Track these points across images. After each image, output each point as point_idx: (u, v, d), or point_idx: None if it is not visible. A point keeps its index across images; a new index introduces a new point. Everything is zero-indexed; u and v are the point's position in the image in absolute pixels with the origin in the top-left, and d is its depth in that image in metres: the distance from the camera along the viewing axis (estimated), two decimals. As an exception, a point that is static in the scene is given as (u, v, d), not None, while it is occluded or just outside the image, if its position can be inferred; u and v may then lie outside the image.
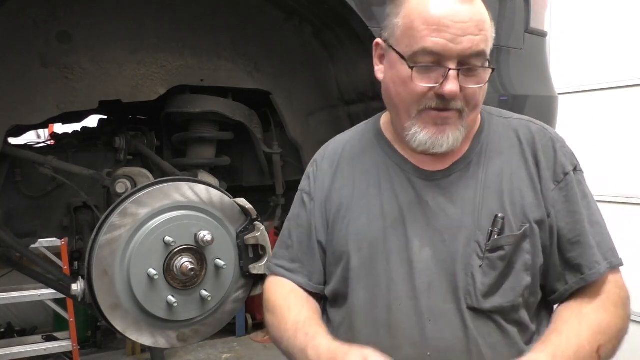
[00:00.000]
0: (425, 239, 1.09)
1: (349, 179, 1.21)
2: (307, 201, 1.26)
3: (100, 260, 1.50)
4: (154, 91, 1.78)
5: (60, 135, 2.18)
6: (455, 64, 1.01)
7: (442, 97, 1.03)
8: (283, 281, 1.25)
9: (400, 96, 1.08)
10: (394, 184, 1.15)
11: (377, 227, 1.13)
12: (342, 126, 2.07)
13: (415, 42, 1.02)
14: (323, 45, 1.96)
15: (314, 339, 1.06)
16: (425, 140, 1.06)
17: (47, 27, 1.62)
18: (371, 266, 1.12)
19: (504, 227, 1.06)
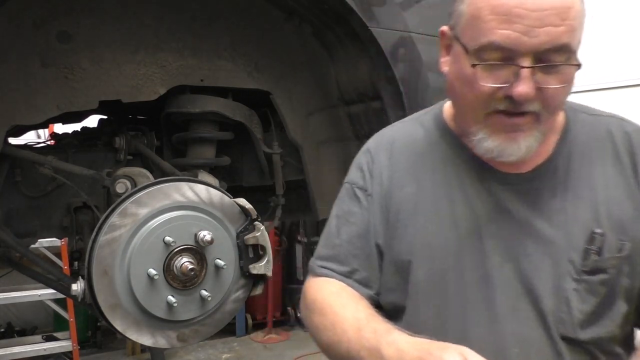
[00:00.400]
0: (506, 254, 0.94)
1: (411, 176, 1.05)
2: (362, 197, 1.09)
3: (100, 260, 1.50)
4: (154, 91, 1.78)
5: (60, 135, 2.18)
6: (530, 61, 0.84)
7: (513, 99, 0.87)
8: (328, 280, 1.09)
9: (465, 97, 0.94)
10: (465, 187, 1.00)
11: (448, 237, 0.98)
12: (342, 126, 2.08)
13: (481, 34, 0.86)
14: (323, 45, 1.96)
15: (387, 334, 0.89)
16: (492, 149, 0.92)
17: (47, 27, 1.62)
18: (441, 283, 0.97)
19: (603, 246, 0.91)
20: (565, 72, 0.87)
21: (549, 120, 0.92)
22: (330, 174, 2.10)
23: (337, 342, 0.96)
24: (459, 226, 0.98)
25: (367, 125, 1.99)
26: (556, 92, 0.88)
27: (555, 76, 0.86)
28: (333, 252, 1.10)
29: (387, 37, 1.72)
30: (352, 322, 0.95)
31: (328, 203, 2.10)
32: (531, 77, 0.85)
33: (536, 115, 0.89)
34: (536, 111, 0.88)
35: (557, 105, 0.91)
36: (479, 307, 0.94)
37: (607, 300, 0.92)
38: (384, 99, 1.83)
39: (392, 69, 1.74)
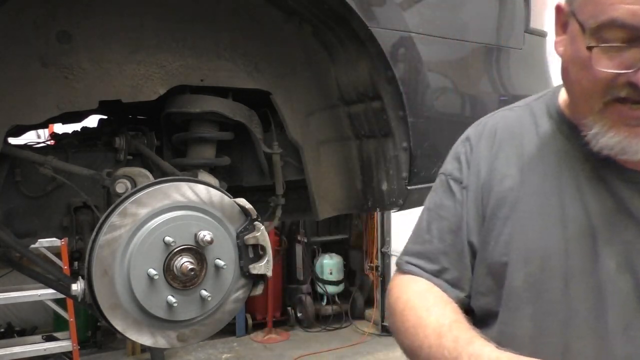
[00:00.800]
0: (624, 263, 0.81)
1: (515, 166, 0.93)
2: (457, 189, 0.99)
3: (100, 260, 1.50)
4: (154, 91, 1.78)
5: (60, 135, 2.17)
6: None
7: (637, 87, 0.74)
8: (415, 279, 1.01)
9: (580, 83, 0.81)
10: (580, 182, 0.87)
11: (554, 237, 0.86)
12: (342, 126, 2.08)
13: (601, 10, 0.73)
14: (323, 45, 1.96)
15: (469, 344, 0.81)
16: (612, 145, 0.79)
17: (47, 27, 1.62)
18: (542, 288, 0.86)
19: None
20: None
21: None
22: (330, 174, 2.10)
23: (418, 347, 0.89)
24: (567, 226, 0.85)
25: (367, 125, 1.99)
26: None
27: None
28: (422, 248, 1.02)
29: (387, 37, 1.72)
30: (435, 327, 0.87)
31: (328, 203, 2.12)
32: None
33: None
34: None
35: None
36: (585, 321, 0.82)
37: None
38: (384, 99, 1.83)
39: (392, 69, 1.74)
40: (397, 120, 1.84)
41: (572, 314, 0.83)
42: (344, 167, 2.12)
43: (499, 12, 1.99)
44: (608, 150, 0.80)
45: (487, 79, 2.05)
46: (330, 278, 5.77)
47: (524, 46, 2.01)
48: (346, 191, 2.13)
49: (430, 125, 1.85)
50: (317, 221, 5.82)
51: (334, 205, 2.13)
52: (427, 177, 1.87)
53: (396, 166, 1.90)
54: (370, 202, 2.09)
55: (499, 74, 2.05)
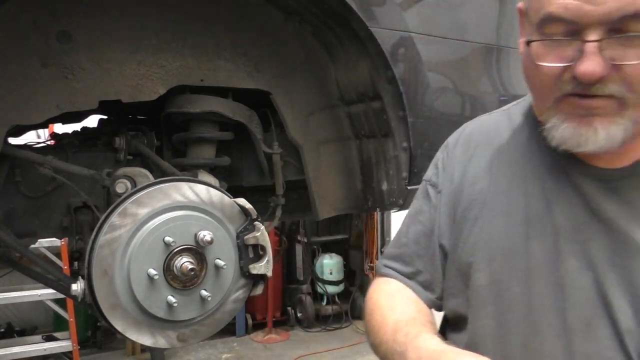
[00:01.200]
0: (585, 260, 0.80)
1: (487, 170, 0.94)
2: (433, 194, 1.01)
3: (100, 260, 1.50)
4: (154, 91, 1.78)
5: (60, 135, 2.17)
6: (599, 33, 0.70)
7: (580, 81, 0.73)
8: (389, 280, 1.04)
9: (532, 80, 0.82)
10: (544, 180, 0.87)
11: (517, 235, 0.86)
12: (342, 126, 2.08)
13: (541, 6, 0.75)
14: (323, 45, 1.96)
15: (415, 338, 0.83)
16: (566, 137, 0.78)
17: (47, 27, 1.62)
18: (504, 287, 0.86)
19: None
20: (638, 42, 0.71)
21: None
22: (331, 174, 2.10)
23: (379, 344, 0.92)
24: (531, 225, 0.85)
25: (367, 125, 1.99)
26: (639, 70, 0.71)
27: (636, 50, 0.70)
28: (399, 252, 1.05)
29: (387, 37, 1.72)
30: (394, 324, 0.90)
31: (328, 203, 2.12)
32: (598, 53, 0.71)
33: (619, 100, 0.73)
34: (615, 94, 0.73)
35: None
36: (545, 318, 0.82)
37: None
38: (384, 99, 1.83)
39: (392, 69, 1.74)
40: (397, 120, 1.84)
41: (533, 311, 0.83)
42: (344, 167, 2.12)
43: (499, 12, 2.00)
44: (563, 144, 0.79)
45: (487, 79, 2.05)
46: (330, 278, 5.77)
47: (524, 46, 2.01)
48: (346, 191, 2.13)
49: (430, 125, 1.86)
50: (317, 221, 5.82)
51: (334, 205, 2.13)
52: (427, 177, 1.87)
53: (396, 166, 1.90)
54: (370, 202, 2.09)
55: (499, 74, 2.06)
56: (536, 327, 0.82)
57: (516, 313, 0.84)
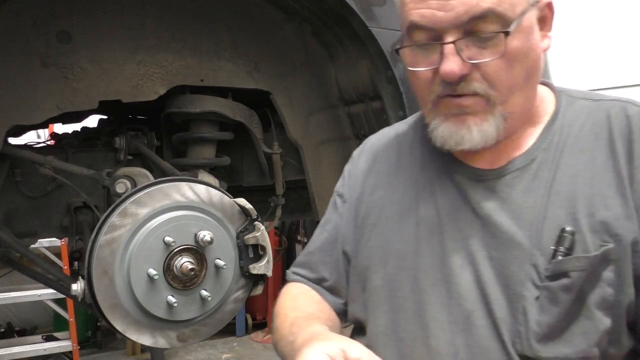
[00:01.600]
0: (467, 256, 0.85)
1: (386, 179, 1.00)
2: (339, 203, 1.06)
3: (100, 260, 1.50)
4: (154, 91, 1.78)
5: (60, 135, 2.18)
6: (455, 36, 0.78)
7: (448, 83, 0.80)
8: (297, 284, 1.09)
9: (412, 85, 0.90)
10: (433, 184, 0.92)
11: (409, 237, 0.91)
12: (342, 126, 2.08)
13: (406, 16, 0.83)
14: (323, 45, 1.96)
15: (307, 327, 0.88)
16: (445, 136, 0.84)
17: (47, 27, 1.62)
18: (395, 286, 0.90)
19: (574, 246, 0.78)
20: (500, 42, 0.77)
21: (509, 103, 0.82)
22: (331, 174, 2.10)
23: (278, 340, 0.97)
24: (420, 226, 0.90)
25: (367, 125, 1.99)
26: (497, 67, 0.78)
27: (492, 50, 0.78)
28: (306, 259, 1.10)
29: (387, 37, 1.72)
30: (292, 320, 0.94)
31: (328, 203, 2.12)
32: (456, 53, 0.78)
33: (485, 98, 0.80)
34: (480, 92, 0.80)
35: (506, 84, 0.80)
36: (432, 313, 0.85)
37: (573, 311, 0.78)
38: (384, 99, 1.83)
39: (392, 69, 1.74)
40: (397, 120, 1.83)
41: (421, 308, 0.87)
42: (343, 167, 2.12)
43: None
44: (445, 143, 0.85)
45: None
46: (330, 278, 5.76)
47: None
48: (346, 191, 2.13)
49: (430, 125, 1.85)
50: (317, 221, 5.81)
51: (334, 205, 2.13)
52: (427, 177, 1.87)
53: (396, 166, 1.90)
54: (370, 202, 2.09)
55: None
56: (423, 322, 0.86)
57: (407, 311, 0.88)
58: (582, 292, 0.78)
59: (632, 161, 0.81)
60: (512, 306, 0.80)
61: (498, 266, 0.82)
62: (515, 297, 0.80)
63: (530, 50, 0.81)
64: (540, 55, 0.86)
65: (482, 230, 0.85)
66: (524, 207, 0.83)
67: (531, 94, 0.87)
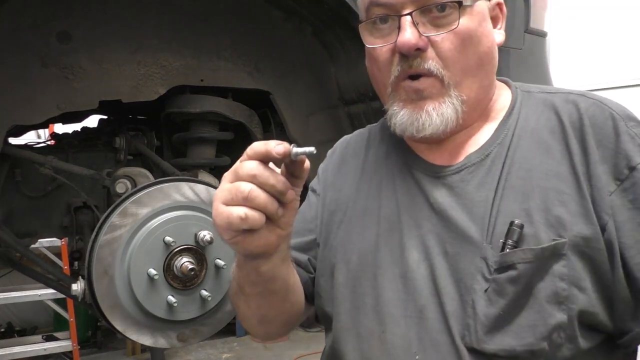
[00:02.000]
0: (423, 251, 0.85)
1: (354, 177, 1.01)
2: (312, 198, 1.08)
3: (100, 260, 1.50)
4: (154, 91, 1.78)
5: (60, 135, 2.18)
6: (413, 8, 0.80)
7: (404, 57, 0.82)
8: None
9: (371, 71, 0.91)
10: (395, 181, 0.93)
11: (370, 235, 0.91)
12: (342, 126, 2.08)
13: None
14: (323, 45, 1.96)
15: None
16: (404, 124, 0.85)
17: (47, 27, 1.62)
18: (356, 283, 0.91)
19: (524, 239, 0.78)
20: (453, 19, 0.80)
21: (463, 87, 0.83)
22: (330, 174, 2.10)
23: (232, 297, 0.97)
24: (381, 224, 0.91)
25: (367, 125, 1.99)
26: (451, 45, 0.81)
27: (447, 28, 0.80)
28: None
29: (387, 37, 1.72)
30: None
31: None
32: (413, 26, 0.80)
33: (439, 79, 0.82)
34: (434, 71, 0.81)
35: (459, 65, 0.82)
36: (389, 308, 0.86)
37: (521, 304, 0.77)
38: (384, 99, 1.83)
39: (392, 69, 1.74)
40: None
41: (379, 303, 0.87)
42: None
43: (499, 12, 2.00)
44: (404, 130, 0.86)
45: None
46: (330, 278, 5.76)
47: (523, 46, 2.01)
48: (346, 191, 2.14)
49: (430, 125, 1.85)
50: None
51: (334, 205, 2.13)
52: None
53: (396, 166, 1.90)
54: (370, 202, 2.09)
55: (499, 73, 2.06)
56: (380, 318, 0.86)
57: (366, 307, 0.89)
58: (530, 284, 0.77)
59: (587, 156, 0.79)
60: (462, 299, 0.80)
61: (452, 260, 0.82)
62: (466, 291, 0.80)
63: (483, 36, 0.84)
64: (494, 47, 0.89)
65: (438, 225, 0.85)
66: (476, 201, 0.83)
67: (486, 84, 0.88)
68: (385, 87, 0.88)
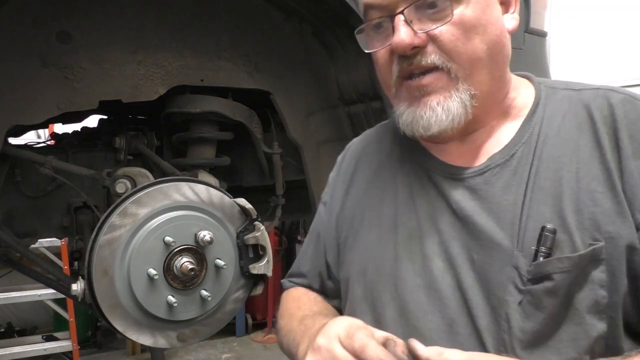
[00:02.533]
0: (447, 260, 0.80)
1: (366, 184, 0.97)
2: (322, 212, 1.05)
3: (100, 260, 1.50)
4: (154, 91, 1.78)
5: (60, 135, 2.18)
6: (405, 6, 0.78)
7: (403, 57, 0.80)
8: (296, 287, 1.08)
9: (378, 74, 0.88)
10: (412, 185, 0.89)
11: (387, 244, 0.87)
12: (342, 126, 2.08)
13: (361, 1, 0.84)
14: (323, 45, 1.96)
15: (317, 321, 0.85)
16: (410, 122, 0.82)
17: (47, 27, 1.62)
18: (376, 295, 0.87)
19: (560, 245, 0.72)
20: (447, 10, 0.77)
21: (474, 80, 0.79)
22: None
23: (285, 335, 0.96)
24: (399, 230, 0.87)
25: (367, 125, 1.98)
26: (452, 36, 0.77)
27: (443, 21, 0.77)
28: (297, 270, 1.11)
29: (387, 37, 1.72)
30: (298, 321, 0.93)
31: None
32: (407, 25, 0.77)
33: (446, 72, 0.78)
34: (438, 64, 0.78)
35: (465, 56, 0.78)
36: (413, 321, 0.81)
37: (561, 317, 0.72)
38: (384, 99, 1.83)
39: (392, 69, 1.74)
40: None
41: (402, 315, 0.83)
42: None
43: (499, 12, 1.99)
44: (411, 130, 0.82)
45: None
46: (330, 278, 5.76)
47: (523, 46, 2.01)
48: (346, 191, 2.13)
49: (430, 125, 1.85)
50: (317, 221, 5.81)
51: (334, 205, 2.12)
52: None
53: (396, 166, 1.90)
54: (370, 202, 2.09)
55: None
56: (405, 331, 0.80)
57: (389, 320, 0.84)
58: (569, 295, 0.72)
59: (620, 151, 0.75)
60: (494, 312, 0.75)
61: (479, 270, 0.77)
62: (498, 303, 0.74)
63: (489, 23, 0.79)
64: (504, 34, 0.83)
65: (462, 231, 0.80)
66: (503, 205, 0.78)
67: (498, 75, 0.83)
68: (389, 88, 0.86)
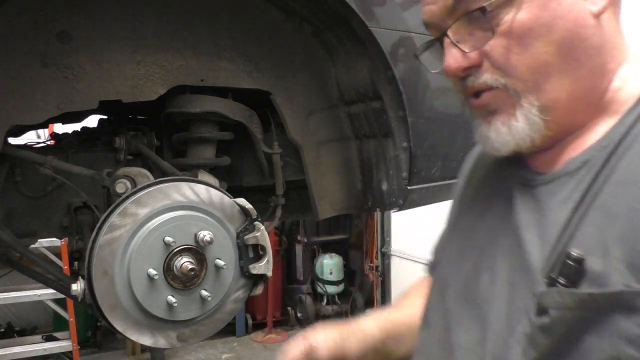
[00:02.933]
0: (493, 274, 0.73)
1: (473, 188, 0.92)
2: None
3: (100, 260, 1.50)
4: (154, 91, 1.78)
5: (60, 135, 2.17)
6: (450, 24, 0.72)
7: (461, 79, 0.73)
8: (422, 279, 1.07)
9: None
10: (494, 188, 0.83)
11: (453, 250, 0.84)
12: (342, 126, 2.08)
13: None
14: (323, 45, 1.96)
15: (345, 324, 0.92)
16: (481, 140, 0.77)
17: (47, 27, 1.62)
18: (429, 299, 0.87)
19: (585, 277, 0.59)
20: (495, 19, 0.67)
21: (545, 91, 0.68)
22: (331, 174, 2.10)
23: None
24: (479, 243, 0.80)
25: (367, 126, 1.99)
26: (503, 49, 0.68)
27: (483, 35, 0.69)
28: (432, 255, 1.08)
29: (387, 37, 1.72)
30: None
31: (328, 203, 2.12)
32: (453, 45, 0.70)
33: (505, 90, 0.70)
34: (492, 84, 0.70)
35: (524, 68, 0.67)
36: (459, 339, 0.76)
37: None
38: (384, 99, 1.83)
39: (392, 69, 1.74)
40: (397, 120, 1.84)
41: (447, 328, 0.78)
42: (344, 167, 2.12)
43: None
44: (486, 148, 0.76)
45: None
46: (330, 278, 5.77)
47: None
48: (346, 191, 2.13)
49: (430, 125, 1.85)
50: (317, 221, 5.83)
51: (334, 206, 2.13)
52: (427, 177, 1.87)
53: (396, 166, 1.90)
54: (370, 202, 2.09)
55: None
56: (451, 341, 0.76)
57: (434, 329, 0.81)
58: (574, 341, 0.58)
59: None
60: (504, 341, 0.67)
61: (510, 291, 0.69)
62: (510, 331, 0.66)
63: (555, 19, 0.66)
64: (585, 22, 0.68)
65: (511, 247, 0.71)
66: (553, 220, 0.66)
67: (583, 74, 0.69)
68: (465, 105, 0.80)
